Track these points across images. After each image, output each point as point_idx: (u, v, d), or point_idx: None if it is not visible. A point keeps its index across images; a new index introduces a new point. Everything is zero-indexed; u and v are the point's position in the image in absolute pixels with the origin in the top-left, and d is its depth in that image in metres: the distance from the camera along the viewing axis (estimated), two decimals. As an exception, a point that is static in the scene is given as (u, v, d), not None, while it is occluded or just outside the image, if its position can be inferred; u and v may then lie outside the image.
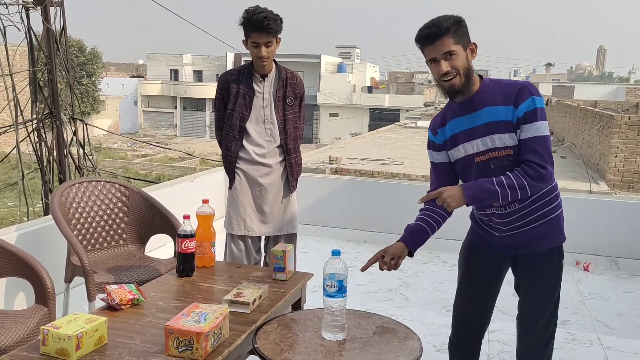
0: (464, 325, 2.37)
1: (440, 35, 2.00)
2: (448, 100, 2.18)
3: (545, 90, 39.41)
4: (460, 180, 2.25)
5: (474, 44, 2.06)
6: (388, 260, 2.16)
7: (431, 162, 2.30)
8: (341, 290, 1.97)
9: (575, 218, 5.00)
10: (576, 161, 16.25)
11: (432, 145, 2.28)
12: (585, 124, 16.44)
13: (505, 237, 2.19)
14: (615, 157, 13.21)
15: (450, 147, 2.19)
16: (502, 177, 2.01)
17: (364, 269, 2.21)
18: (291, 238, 3.22)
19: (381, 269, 2.18)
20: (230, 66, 32.38)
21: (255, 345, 1.95)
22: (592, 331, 3.58)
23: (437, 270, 4.64)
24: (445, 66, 2.02)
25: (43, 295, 2.45)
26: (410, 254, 2.23)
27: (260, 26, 2.84)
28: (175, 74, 46.80)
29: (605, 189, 12.16)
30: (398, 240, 2.23)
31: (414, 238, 2.22)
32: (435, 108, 30.32)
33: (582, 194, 7.34)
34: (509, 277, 2.29)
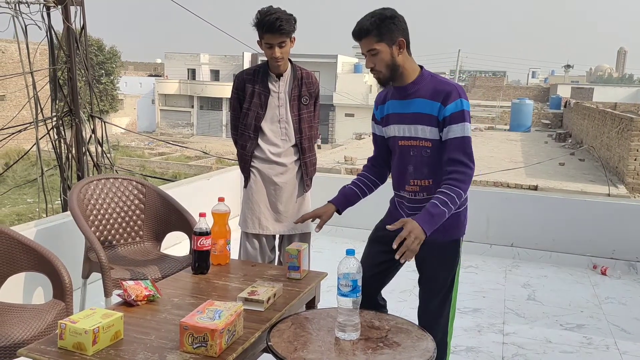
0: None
1: (361, 36, 2.21)
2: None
3: (564, 92, 38.92)
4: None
5: (402, 40, 2.19)
6: (321, 225, 2.58)
7: (372, 133, 2.57)
8: (355, 289, 1.98)
9: (593, 221, 4.95)
10: (594, 164, 16.05)
11: (374, 118, 2.53)
12: (605, 127, 16.23)
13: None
14: (635, 160, 13.04)
15: (384, 125, 2.43)
16: (441, 196, 2.17)
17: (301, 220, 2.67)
18: (305, 237, 3.23)
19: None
20: (247, 66, 32.45)
21: (269, 343, 1.96)
22: (608, 336, 3.53)
23: (451, 272, 4.61)
24: (369, 62, 2.24)
25: (61, 291, 2.49)
26: (339, 212, 2.65)
27: (272, 27, 2.83)
28: (192, 73, 47.09)
29: (624, 192, 12.01)
30: (330, 202, 2.62)
31: (345, 200, 2.65)
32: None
33: (600, 197, 7.25)
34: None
